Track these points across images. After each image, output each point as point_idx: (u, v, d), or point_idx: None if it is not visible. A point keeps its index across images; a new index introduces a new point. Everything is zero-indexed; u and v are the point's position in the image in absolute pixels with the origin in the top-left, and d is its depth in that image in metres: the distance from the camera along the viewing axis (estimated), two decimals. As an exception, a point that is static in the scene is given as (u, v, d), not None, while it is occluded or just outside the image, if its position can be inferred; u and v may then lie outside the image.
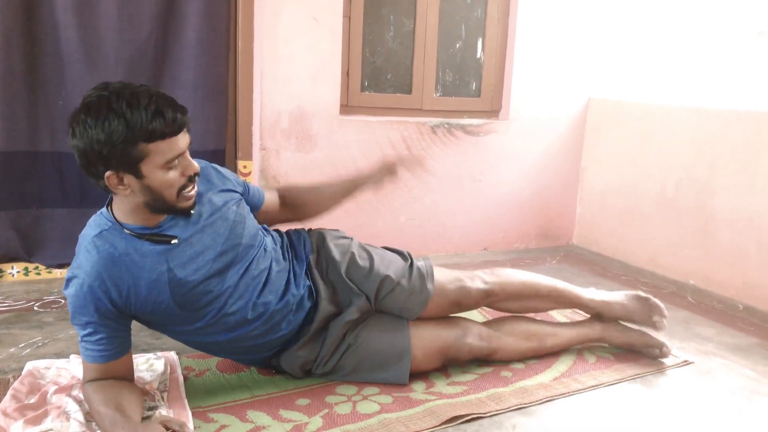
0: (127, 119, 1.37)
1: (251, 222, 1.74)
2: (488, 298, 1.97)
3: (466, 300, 1.93)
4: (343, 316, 1.82)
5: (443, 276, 1.94)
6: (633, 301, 2.11)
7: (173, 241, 1.55)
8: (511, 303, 2.03)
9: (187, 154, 1.49)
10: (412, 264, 1.92)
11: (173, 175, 1.46)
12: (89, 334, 1.52)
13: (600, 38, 3.51)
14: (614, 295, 2.14)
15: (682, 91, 3.17)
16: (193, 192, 1.53)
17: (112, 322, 1.53)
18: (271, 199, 1.93)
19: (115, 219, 1.53)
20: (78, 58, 2.55)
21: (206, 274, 1.59)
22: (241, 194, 1.77)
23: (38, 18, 2.49)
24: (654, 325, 2.08)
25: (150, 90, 1.43)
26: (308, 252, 1.88)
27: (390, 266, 1.89)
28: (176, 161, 1.45)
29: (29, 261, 2.65)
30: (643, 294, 2.13)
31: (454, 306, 1.94)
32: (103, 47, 2.57)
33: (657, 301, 2.10)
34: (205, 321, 1.64)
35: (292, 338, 1.79)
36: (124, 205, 1.52)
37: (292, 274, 1.79)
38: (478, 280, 1.96)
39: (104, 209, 1.57)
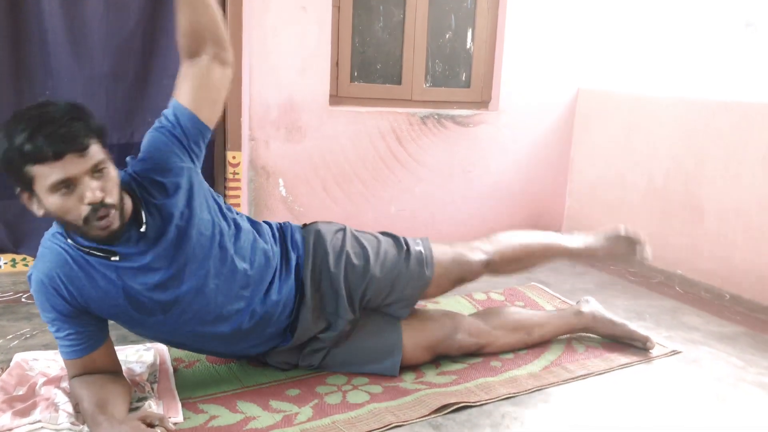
0: (9, 140, 1.32)
1: (206, 221, 1.59)
2: (489, 267, 1.98)
3: (469, 275, 1.95)
4: (329, 333, 1.79)
5: (443, 255, 1.92)
6: (614, 240, 2.16)
7: (113, 258, 1.48)
8: (510, 266, 2.05)
9: (86, 180, 1.34)
10: (408, 251, 1.88)
11: (68, 201, 1.35)
12: (57, 331, 1.52)
13: (590, 29, 3.52)
14: (597, 238, 2.18)
15: (670, 82, 3.18)
16: (103, 223, 1.38)
17: (75, 319, 1.51)
18: (193, 81, 1.61)
19: (64, 237, 1.49)
20: (64, 48, 2.52)
21: (161, 284, 1.53)
22: (190, 154, 1.58)
23: (23, 8, 2.45)
24: (640, 259, 2.13)
25: (44, 111, 1.33)
26: (301, 257, 1.79)
27: (386, 261, 1.84)
28: (69, 187, 1.34)
29: (16, 252, 2.63)
30: (623, 232, 2.16)
31: (457, 283, 1.95)
32: (90, 37, 2.54)
33: (637, 234, 2.14)
34: (170, 325, 1.60)
35: (274, 344, 1.77)
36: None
37: (275, 282, 1.71)
38: (477, 251, 1.97)
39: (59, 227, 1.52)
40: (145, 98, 2.68)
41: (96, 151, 1.37)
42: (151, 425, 1.37)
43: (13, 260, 2.63)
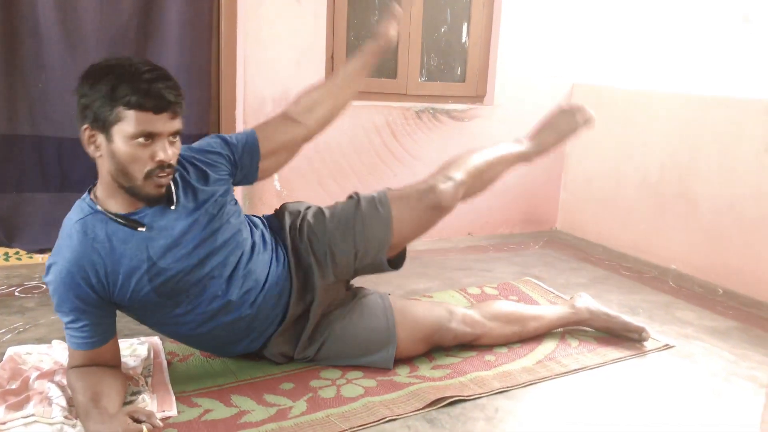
0: (117, 81, 1.39)
1: (233, 211, 1.69)
2: (461, 193, 1.89)
3: (441, 198, 1.81)
4: (314, 304, 1.80)
5: (399, 191, 1.85)
6: (555, 120, 2.17)
7: (140, 229, 1.52)
8: (476, 184, 1.98)
9: (166, 141, 1.44)
10: (359, 199, 1.84)
11: (141, 152, 1.42)
12: (72, 321, 1.51)
13: (585, 24, 3.51)
14: (542, 130, 2.20)
15: (665, 76, 3.18)
16: (163, 180, 1.48)
17: (95, 309, 1.52)
18: (275, 128, 1.80)
19: (94, 203, 1.52)
20: (58, 40, 2.50)
21: (186, 264, 1.57)
22: (230, 173, 1.71)
23: (16, 1, 2.44)
24: (585, 124, 2.14)
25: (157, 68, 1.44)
26: (284, 238, 1.82)
27: (335, 213, 1.83)
28: (149, 140, 1.42)
29: (9, 246, 2.61)
30: (559, 109, 2.18)
31: (428, 210, 1.82)
32: (83, 29, 2.53)
33: (572, 103, 2.15)
34: (184, 309, 1.62)
35: (272, 328, 1.78)
36: (103, 182, 1.51)
37: (273, 258, 1.77)
38: (447, 180, 1.85)
39: (86, 195, 1.55)
40: None
41: (180, 121, 1.48)
42: (138, 421, 1.36)
43: (6, 254, 2.62)
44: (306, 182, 3.03)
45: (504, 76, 3.40)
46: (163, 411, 1.55)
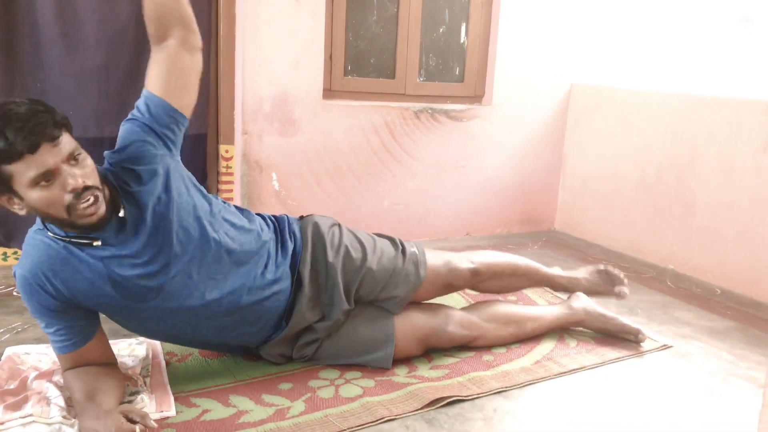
0: None
1: (189, 205, 1.59)
2: (475, 277, 2.01)
3: (456, 281, 1.98)
4: (323, 323, 1.80)
5: (435, 259, 1.96)
6: (595, 275, 2.25)
7: (95, 243, 1.48)
8: (494, 282, 2.07)
9: (65, 168, 1.35)
10: (404, 251, 1.92)
11: (50, 193, 1.35)
12: (46, 326, 1.53)
13: (583, 24, 3.52)
14: (578, 272, 2.27)
15: (664, 77, 3.19)
16: (89, 207, 1.39)
17: (63, 314, 1.52)
18: (157, 73, 1.59)
19: (44, 225, 1.50)
20: (56, 41, 2.50)
21: (146, 270, 1.53)
22: (164, 145, 1.58)
23: (14, 0, 2.43)
24: (617, 295, 2.19)
25: (7, 109, 1.32)
26: (298, 245, 1.80)
27: (383, 257, 1.87)
28: (49, 179, 1.34)
29: (7, 246, 2.61)
30: (603, 267, 2.26)
31: (445, 288, 1.99)
32: (82, 29, 2.52)
33: (617, 271, 2.23)
34: (160, 312, 1.59)
35: (268, 334, 1.77)
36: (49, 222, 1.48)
37: (273, 258, 1.73)
38: (465, 260, 2.01)
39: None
40: (138, 91, 2.55)
41: (68, 140, 1.37)
42: (132, 421, 1.36)
43: (5, 254, 2.62)
44: (304, 182, 3.04)
45: (503, 76, 3.40)
46: (162, 411, 1.55)
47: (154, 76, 1.60)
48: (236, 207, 1.78)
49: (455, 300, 2.43)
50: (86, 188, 1.38)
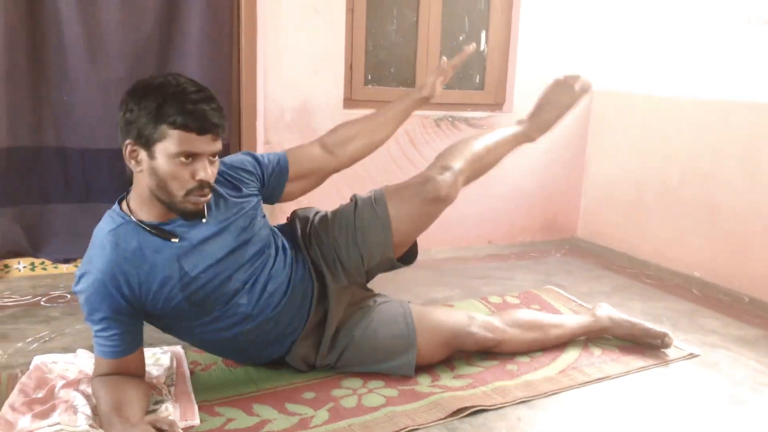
0: (164, 99, 1.41)
1: (262, 223, 1.74)
2: (462, 175, 1.88)
3: (441, 189, 1.80)
4: (330, 295, 1.81)
5: (397, 186, 1.87)
6: (554, 95, 2.15)
7: (173, 240, 1.55)
8: (478, 170, 2.00)
9: (206, 161, 1.47)
10: (356, 200, 1.89)
11: (182, 170, 1.45)
12: (102, 330, 1.53)
13: (604, 30, 3.50)
14: (539, 106, 2.18)
15: (684, 82, 3.15)
16: (202, 199, 1.51)
17: (126, 318, 1.54)
18: (307, 155, 1.86)
19: (127, 212, 1.55)
20: (81, 54, 2.55)
21: (217, 274, 1.60)
22: (259, 190, 1.76)
23: (42, 14, 2.48)
24: (582, 93, 2.11)
25: (202, 89, 1.47)
26: (298, 240, 1.87)
27: (335, 216, 1.89)
28: (190, 159, 1.45)
29: (35, 256, 2.65)
30: (560, 78, 2.13)
31: (428, 204, 1.81)
32: (106, 42, 2.57)
33: (568, 74, 2.13)
34: (213, 317, 1.65)
35: (296, 332, 1.80)
36: (139, 193, 1.53)
37: (294, 264, 1.79)
38: (437, 169, 1.85)
39: (116, 205, 1.58)
40: None
41: (221, 141, 1.51)
42: (160, 430, 1.37)
43: (32, 264, 2.66)
44: (324, 190, 3.00)
45: (523, 83, 3.39)
46: (186, 420, 1.56)
47: (300, 151, 1.85)
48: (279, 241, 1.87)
49: (477, 308, 2.42)
50: (209, 184, 1.50)
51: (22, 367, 1.82)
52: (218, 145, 1.49)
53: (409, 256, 1.91)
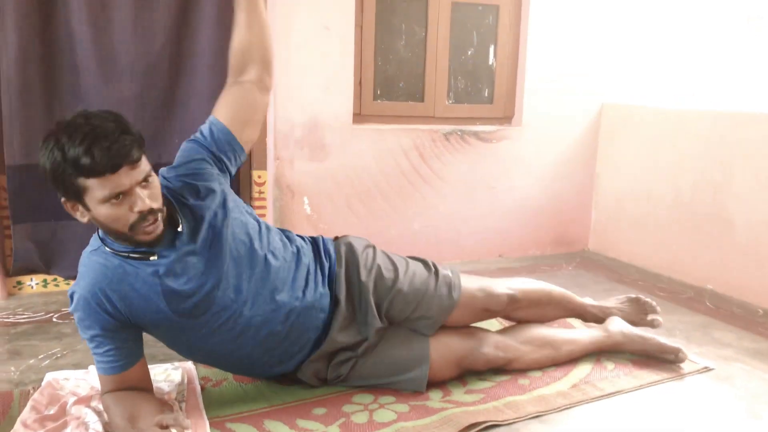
0: (64, 152, 1.36)
1: (241, 223, 1.67)
2: (513, 303, 1.98)
3: (493, 306, 1.94)
4: (359, 341, 1.81)
5: (470, 283, 1.94)
6: (626, 304, 2.24)
7: (152, 258, 1.53)
8: (530, 310, 2.04)
9: (137, 190, 1.41)
10: (437, 273, 1.91)
11: (118, 210, 1.41)
12: (97, 347, 1.55)
13: (612, 43, 3.50)
14: (609, 302, 2.26)
15: (693, 94, 3.15)
16: (150, 227, 1.46)
17: (117, 333, 1.55)
18: (229, 105, 1.72)
19: (103, 241, 1.55)
20: (94, 71, 2.57)
21: (200, 284, 1.58)
22: (219, 168, 1.67)
23: (54, 32, 2.52)
24: (651, 324, 2.19)
25: (95, 124, 1.38)
26: (333, 264, 1.84)
27: (414, 278, 1.87)
28: (120, 197, 1.40)
29: (48, 273, 2.67)
30: (634, 295, 2.26)
31: (482, 312, 1.95)
32: (118, 60, 2.60)
33: (649, 299, 2.21)
34: (208, 328, 1.62)
35: (307, 348, 1.79)
36: (104, 233, 1.53)
37: (312, 279, 1.77)
38: (502, 286, 1.98)
39: (98, 229, 1.57)
40: (172, 120, 2.72)
41: (144, 162, 1.44)
42: (165, 427, 1.37)
43: (45, 281, 2.68)
44: (335, 205, 3.06)
45: (532, 96, 3.40)
46: (197, 436, 1.56)
47: (223, 105, 1.72)
48: (278, 228, 1.84)
49: (489, 323, 2.40)
50: (151, 210, 1.44)
51: (34, 384, 1.83)
52: (141, 170, 1.42)
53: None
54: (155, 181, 1.48)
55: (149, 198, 1.44)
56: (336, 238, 1.95)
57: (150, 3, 2.61)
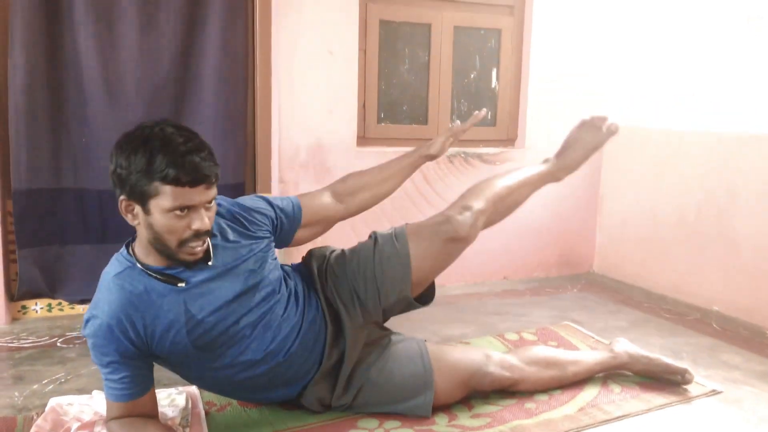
0: (152, 155, 1.40)
1: (272, 266, 1.72)
2: (482, 218, 1.88)
3: (461, 231, 1.80)
4: (347, 334, 1.79)
5: (418, 225, 1.84)
6: (580, 134, 2.16)
7: (180, 284, 1.54)
8: (498, 212, 1.99)
9: (202, 210, 1.46)
10: (376, 237, 1.86)
11: (178, 223, 1.44)
12: (111, 373, 1.53)
13: (614, 65, 3.52)
14: (563, 148, 2.18)
15: (697, 115, 3.16)
16: (198, 249, 1.50)
17: (134, 361, 1.54)
18: (318, 203, 1.87)
19: (133, 257, 1.55)
20: (100, 96, 2.60)
21: (223, 318, 1.58)
22: (272, 233, 1.74)
23: (62, 58, 2.55)
24: (610, 133, 2.12)
25: (191, 138, 1.44)
26: (314, 280, 1.85)
27: (355, 252, 1.87)
28: (185, 211, 1.44)
29: (52, 297, 2.67)
30: (587, 119, 2.16)
31: (448, 243, 1.81)
32: (124, 85, 2.63)
33: (594, 115, 2.14)
34: (221, 362, 1.63)
35: (309, 374, 1.78)
36: (141, 241, 1.53)
37: (306, 306, 1.77)
38: (457, 208, 1.85)
39: (123, 249, 1.58)
40: None
41: (215, 187, 1.49)
42: None
43: (49, 305, 2.68)
44: (339, 228, 3.02)
45: (534, 119, 3.41)
46: (202, 462, 1.55)
47: (315, 201, 1.87)
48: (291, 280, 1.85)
49: (494, 345, 2.40)
50: (206, 232, 1.49)
51: (37, 409, 1.83)
52: (212, 193, 1.47)
53: (426, 297, 1.88)
54: (215, 206, 1.53)
55: (208, 221, 1.49)
56: (304, 257, 1.95)
57: (156, 29, 2.64)
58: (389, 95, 3.22)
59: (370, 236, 1.90)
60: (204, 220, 1.46)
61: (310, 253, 1.94)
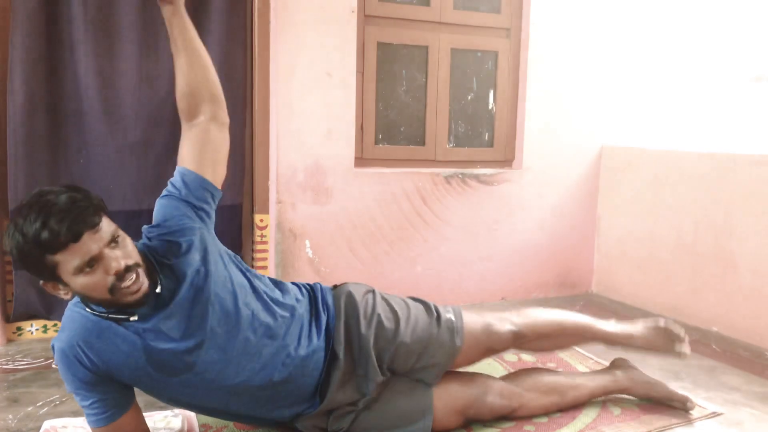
0: (24, 233, 1.34)
1: (225, 278, 1.62)
2: (518, 339, 1.93)
3: (497, 345, 1.91)
4: (359, 398, 1.76)
5: (473, 324, 1.89)
6: (653, 331, 2.06)
7: (132, 318, 1.50)
8: (540, 342, 1.99)
9: (106, 252, 1.39)
10: (439, 318, 1.87)
11: (94, 278, 1.39)
12: (82, 399, 1.53)
13: (611, 86, 3.55)
14: (635, 327, 2.09)
15: (693, 136, 3.18)
16: (134, 287, 1.43)
17: (97, 386, 1.52)
18: (193, 150, 1.66)
19: (82, 302, 1.52)
20: (99, 118, 2.60)
21: (180, 343, 1.54)
22: (199, 218, 1.62)
23: (61, 80, 2.55)
24: (678, 354, 2.03)
25: (47, 200, 1.36)
26: (332, 317, 1.78)
27: (416, 326, 1.82)
28: (92, 265, 1.38)
29: (48, 318, 2.65)
30: (663, 323, 2.06)
31: (486, 352, 1.92)
32: (123, 107, 2.63)
33: (678, 328, 2.05)
34: (192, 387, 1.59)
35: (301, 409, 1.74)
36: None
37: (307, 330, 1.72)
38: (507, 323, 1.93)
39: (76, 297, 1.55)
40: (175, 165, 2.72)
41: (107, 224, 1.42)
42: None
43: (45, 326, 2.66)
44: (337, 249, 3.05)
45: (532, 139, 3.43)
46: (197, 486, 1.53)
47: (186, 152, 1.67)
48: (270, 279, 1.78)
49: (494, 368, 2.38)
50: (127, 269, 1.41)
51: (32, 432, 1.80)
52: (105, 232, 1.40)
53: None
54: (125, 239, 1.45)
55: (123, 257, 1.41)
56: (335, 287, 1.90)
57: (155, 51, 2.66)
58: (387, 117, 3.23)
59: (427, 307, 1.90)
60: (118, 261, 1.40)
61: (345, 285, 1.88)
